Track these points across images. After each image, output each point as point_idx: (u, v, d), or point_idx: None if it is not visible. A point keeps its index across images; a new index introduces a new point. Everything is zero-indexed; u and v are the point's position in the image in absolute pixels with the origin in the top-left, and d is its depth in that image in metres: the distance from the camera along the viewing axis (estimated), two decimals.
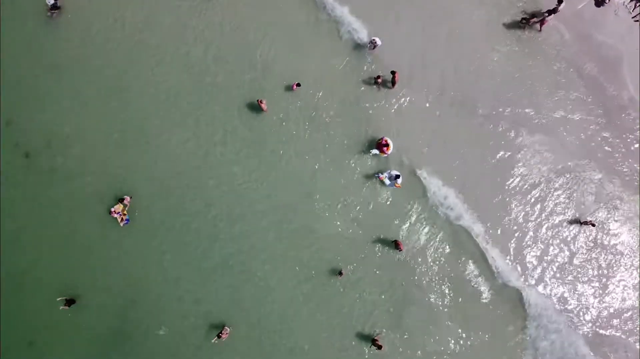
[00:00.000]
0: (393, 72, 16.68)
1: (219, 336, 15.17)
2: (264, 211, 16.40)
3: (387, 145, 16.59)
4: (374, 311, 16.01)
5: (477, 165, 17.06)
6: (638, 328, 16.44)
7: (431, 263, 16.41)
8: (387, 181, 16.64)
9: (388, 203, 16.73)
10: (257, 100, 16.65)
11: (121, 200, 15.77)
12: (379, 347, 15.26)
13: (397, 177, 16.42)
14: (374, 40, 17.01)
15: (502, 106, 17.57)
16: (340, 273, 15.96)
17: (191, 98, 17.00)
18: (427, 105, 17.37)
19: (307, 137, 16.95)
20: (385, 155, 16.72)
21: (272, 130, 16.91)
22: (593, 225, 16.76)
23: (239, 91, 17.09)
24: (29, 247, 15.93)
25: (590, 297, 16.62)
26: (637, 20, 18.33)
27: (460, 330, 16.06)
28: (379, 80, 17.05)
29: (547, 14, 17.60)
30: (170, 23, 17.59)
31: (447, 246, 16.54)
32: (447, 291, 16.27)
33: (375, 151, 16.74)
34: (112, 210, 15.71)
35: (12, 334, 15.58)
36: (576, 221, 16.87)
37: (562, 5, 17.20)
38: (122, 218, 15.77)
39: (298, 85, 16.98)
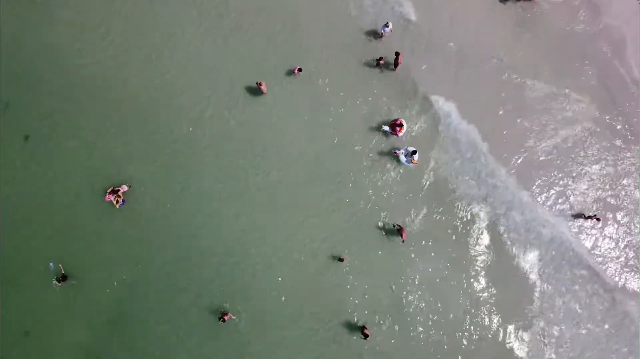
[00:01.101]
0: (397, 53, 16.52)
1: (222, 320, 14.98)
2: (264, 193, 16.18)
3: (401, 125, 16.42)
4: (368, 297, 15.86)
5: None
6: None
7: None
8: (404, 159, 16.42)
9: (394, 187, 16.56)
10: (257, 83, 16.44)
11: (116, 192, 15.59)
12: (366, 336, 14.95)
13: (414, 152, 16.20)
14: (387, 24, 16.88)
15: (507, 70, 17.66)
16: (341, 259, 15.71)
17: (192, 83, 16.91)
18: None
19: (310, 119, 16.79)
20: (397, 136, 16.54)
21: (273, 111, 16.72)
22: (598, 219, 16.49)
23: (240, 72, 16.97)
24: (25, 230, 15.69)
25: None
26: None
27: None
28: (381, 62, 16.89)
29: None
30: (170, 11, 17.50)
31: None
32: None
33: (386, 127, 16.57)
34: (108, 191, 15.68)
35: (8, 324, 15.29)
36: (581, 216, 16.72)
37: None
38: (117, 201, 15.62)
39: (300, 70, 16.79)
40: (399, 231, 15.67)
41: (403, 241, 15.61)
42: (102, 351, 15.19)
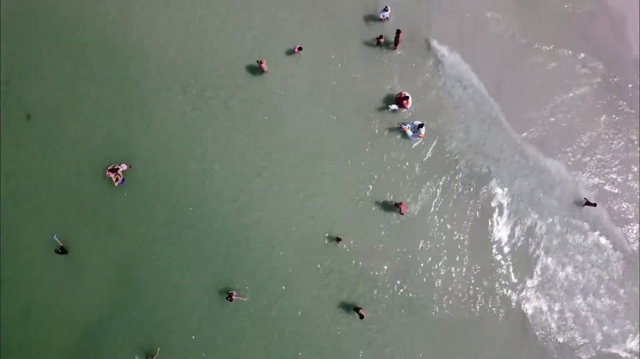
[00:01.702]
0: (398, 31, 16.50)
1: (230, 299, 15.04)
2: (265, 172, 16.21)
3: (406, 98, 16.45)
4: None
5: None
6: None
7: None
8: (410, 133, 16.45)
9: (397, 163, 16.62)
10: (257, 61, 16.43)
11: (115, 170, 15.60)
12: (362, 316, 15.04)
13: (420, 126, 16.24)
14: (386, 8, 16.90)
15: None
16: (339, 239, 15.77)
17: (191, 62, 16.90)
18: None
19: (310, 98, 16.81)
20: (406, 108, 16.54)
21: (273, 90, 16.73)
22: (594, 205, 16.49)
23: (238, 52, 16.97)
24: (27, 206, 15.75)
25: None
26: None
27: None
28: (381, 41, 16.87)
29: None
30: None
31: None
32: None
33: (394, 106, 16.56)
34: (108, 168, 15.72)
35: (8, 303, 15.36)
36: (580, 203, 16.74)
37: None
38: (117, 179, 15.66)
39: (300, 49, 16.79)
40: (397, 205, 15.78)
41: (402, 214, 15.75)
42: (102, 329, 15.26)
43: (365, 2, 17.60)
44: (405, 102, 16.39)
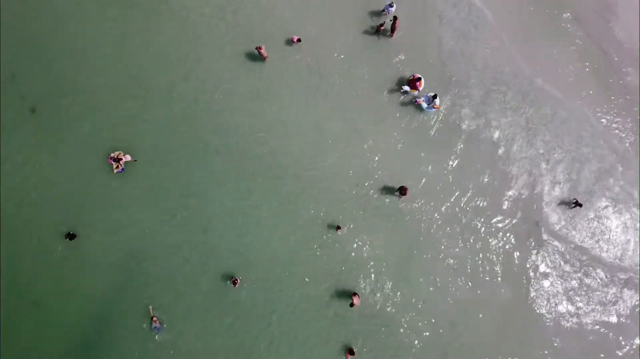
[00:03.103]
0: (395, 18, 16.72)
1: (234, 283, 15.15)
2: (263, 161, 16.41)
3: (419, 79, 16.64)
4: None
5: None
6: None
7: None
8: (425, 105, 16.64)
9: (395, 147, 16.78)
10: (256, 47, 16.49)
11: (118, 160, 15.73)
12: (352, 304, 15.07)
13: (434, 97, 16.44)
14: (392, 3, 17.07)
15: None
16: (338, 227, 15.83)
17: (189, 48, 17.07)
18: None
19: (310, 87, 17.01)
20: (419, 90, 16.74)
21: (275, 77, 16.92)
22: (580, 205, 16.76)
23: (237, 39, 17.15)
24: (32, 197, 15.87)
25: None
26: None
27: None
28: (382, 29, 17.12)
29: None
30: None
31: None
32: None
33: (406, 87, 16.78)
34: (111, 155, 15.87)
35: (16, 294, 15.41)
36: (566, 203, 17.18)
37: None
38: (117, 166, 15.77)
39: (299, 40, 16.92)
40: (401, 190, 15.87)
41: (405, 196, 15.96)
42: (107, 318, 15.33)
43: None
44: (417, 83, 16.63)
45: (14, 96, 16.35)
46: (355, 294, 15.24)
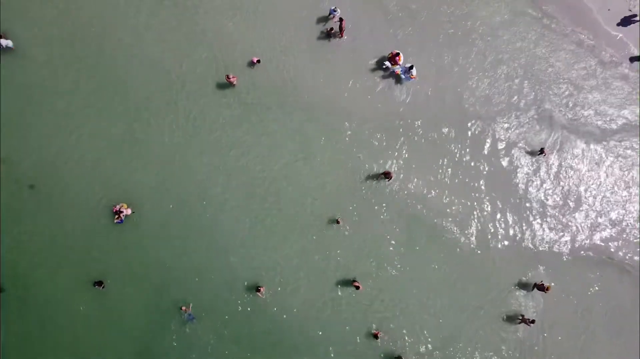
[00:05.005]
0: (340, 19, 17.82)
1: (258, 291, 16.61)
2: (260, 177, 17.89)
3: (397, 54, 17.86)
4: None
5: None
6: None
7: None
8: (403, 75, 17.97)
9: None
10: (225, 76, 17.30)
11: (119, 212, 16.70)
12: (357, 288, 16.69)
13: (411, 67, 17.72)
14: (335, 8, 17.91)
15: None
16: (337, 221, 17.34)
17: (163, 95, 17.94)
18: None
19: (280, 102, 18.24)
20: (399, 65, 17.94)
21: (247, 99, 17.99)
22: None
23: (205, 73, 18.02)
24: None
25: None
26: None
27: None
28: (332, 31, 18.26)
29: None
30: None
31: None
32: None
33: (387, 63, 18.00)
34: (115, 207, 16.87)
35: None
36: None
37: None
38: (118, 217, 16.75)
39: (258, 61, 17.74)
40: (385, 174, 17.36)
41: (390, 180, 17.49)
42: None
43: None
44: (397, 58, 17.91)
45: (11, 178, 16.97)
46: (354, 281, 16.96)
